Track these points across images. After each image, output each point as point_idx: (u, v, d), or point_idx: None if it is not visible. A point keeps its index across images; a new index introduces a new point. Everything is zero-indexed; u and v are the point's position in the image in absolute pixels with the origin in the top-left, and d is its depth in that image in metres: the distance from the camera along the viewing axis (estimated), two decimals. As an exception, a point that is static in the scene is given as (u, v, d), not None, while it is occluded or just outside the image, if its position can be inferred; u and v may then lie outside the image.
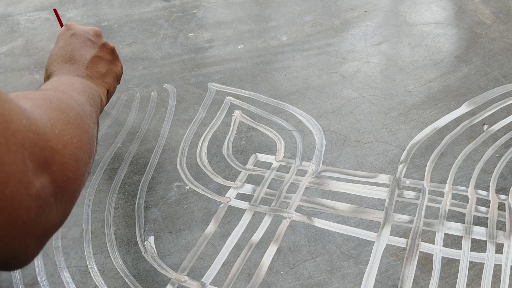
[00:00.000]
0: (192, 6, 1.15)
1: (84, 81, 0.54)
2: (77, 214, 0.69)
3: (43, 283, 0.61)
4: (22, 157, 0.26)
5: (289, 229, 0.65)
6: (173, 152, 0.78)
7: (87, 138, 0.37)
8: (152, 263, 0.63)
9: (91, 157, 0.37)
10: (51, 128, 0.31)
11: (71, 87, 0.48)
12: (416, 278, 0.59)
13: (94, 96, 0.52)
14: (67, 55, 0.58)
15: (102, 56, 0.62)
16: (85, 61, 0.58)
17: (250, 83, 0.90)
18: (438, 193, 0.69)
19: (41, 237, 0.29)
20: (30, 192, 0.26)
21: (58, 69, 0.56)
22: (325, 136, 0.79)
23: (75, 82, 0.52)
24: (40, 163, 0.28)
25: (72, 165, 0.32)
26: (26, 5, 1.18)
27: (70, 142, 0.32)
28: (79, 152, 0.33)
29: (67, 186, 0.31)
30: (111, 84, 0.63)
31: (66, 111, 0.36)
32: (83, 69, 0.58)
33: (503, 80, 0.87)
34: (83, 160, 0.34)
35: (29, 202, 0.26)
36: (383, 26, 1.03)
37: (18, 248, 0.27)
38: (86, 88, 0.51)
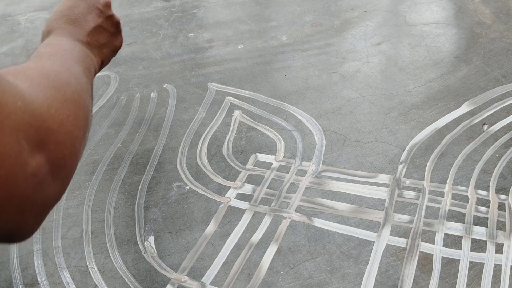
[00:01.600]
0: (192, 6, 1.15)
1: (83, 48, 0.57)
2: (77, 214, 0.69)
3: (43, 283, 0.61)
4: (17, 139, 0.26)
5: (289, 229, 0.65)
6: (173, 152, 0.78)
7: (82, 114, 0.37)
8: (152, 263, 0.62)
9: (86, 132, 0.38)
10: (47, 108, 0.31)
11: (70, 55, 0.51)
12: (416, 278, 0.59)
13: (89, 66, 0.54)
14: (72, 16, 0.61)
15: (106, 27, 0.65)
16: (89, 27, 0.62)
17: (250, 83, 0.90)
18: (438, 193, 0.69)
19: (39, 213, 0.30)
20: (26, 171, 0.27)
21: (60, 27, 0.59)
22: (325, 136, 0.79)
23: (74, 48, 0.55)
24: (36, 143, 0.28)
25: (67, 143, 0.32)
26: (26, 5, 1.18)
27: (66, 120, 0.33)
28: (74, 129, 0.34)
29: (63, 164, 0.31)
30: (107, 56, 0.66)
31: (64, 88, 0.36)
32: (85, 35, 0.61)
33: (503, 80, 0.87)
34: (79, 137, 0.34)
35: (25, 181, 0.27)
36: (383, 26, 1.03)
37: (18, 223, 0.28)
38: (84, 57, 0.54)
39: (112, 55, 0.68)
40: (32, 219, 0.29)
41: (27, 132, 0.27)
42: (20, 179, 0.26)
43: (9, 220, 0.27)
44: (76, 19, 0.57)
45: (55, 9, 0.62)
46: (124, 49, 1.02)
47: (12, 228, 0.28)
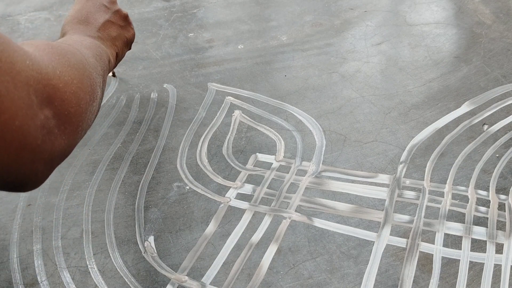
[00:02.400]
0: (192, 6, 1.15)
1: (94, 40, 0.59)
2: (77, 214, 0.69)
3: (43, 283, 0.61)
4: (28, 93, 0.29)
5: (289, 229, 0.65)
6: (173, 152, 0.78)
7: (88, 82, 0.39)
8: (152, 263, 0.63)
9: (93, 100, 0.40)
10: (52, 69, 0.34)
11: (79, 43, 0.52)
12: (416, 278, 0.59)
13: (101, 54, 0.55)
14: (82, 17, 0.63)
15: (114, 21, 0.66)
16: (98, 24, 0.63)
17: (250, 83, 0.90)
18: (438, 193, 0.69)
19: (48, 162, 0.33)
20: (35, 122, 0.30)
21: (72, 29, 0.61)
22: (325, 136, 0.79)
23: (84, 40, 0.56)
24: (44, 98, 0.31)
25: (73, 102, 0.35)
26: (26, 5, 1.18)
27: (70, 82, 0.35)
28: (79, 91, 0.36)
29: (69, 120, 0.34)
30: (120, 48, 0.68)
31: (67, 56, 0.38)
32: (95, 30, 0.62)
33: (503, 80, 0.87)
34: (84, 99, 0.37)
35: (35, 131, 0.30)
36: (383, 26, 1.03)
37: (30, 170, 0.31)
38: (94, 46, 0.55)
39: (125, 48, 0.70)
40: (42, 167, 0.32)
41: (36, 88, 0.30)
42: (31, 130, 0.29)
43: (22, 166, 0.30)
44: (86, 18, 0.62)
45: (67, 15, 0.64)
46: (124, 49, 1.02)
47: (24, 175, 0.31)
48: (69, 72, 0.36)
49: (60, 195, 0.72)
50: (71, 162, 0.76)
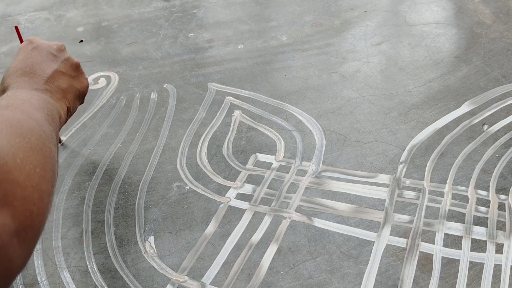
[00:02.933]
0: (192, 6, 1.15)
1: (42, 95, 0.51)
2: (77, 214, 0.69)
3: (43, 283, 0.61)
4: None
5: (289, 229, 0.65)
6: (173, 152, 0.78)
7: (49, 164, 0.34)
8: (152, 263, 0.63)
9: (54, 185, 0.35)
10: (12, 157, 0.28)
11: (28, 104, 0.45)
12: (416, 278, 0.59)
13: (53, 113, 0.49)
14: (26, 68, 0.55)
15: (64, 71, 0.59)
16: (45, 75, 0.56)
17: (250, 83, 0.90)
18: (438, 193, 0.69)
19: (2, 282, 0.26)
20: None
21: (16, 82, 0.53)
22: (325, 136, 0.79)
23: (32, 97, 0.49)
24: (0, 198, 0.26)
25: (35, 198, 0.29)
26: (26, 5, 1.18)
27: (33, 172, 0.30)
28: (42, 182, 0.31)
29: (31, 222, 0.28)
30: (71, 101, 0.60)
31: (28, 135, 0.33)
32: (42, 83, 0.54)
33: (503, 80, 0.87)
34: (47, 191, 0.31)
35: None
36: (383, 26, 1.03)
37: None
38: (44, 104, 0.48)
39: (77, 101, 0.62)
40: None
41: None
42: None
43: None
44: (31, 69, 0.55)
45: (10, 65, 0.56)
46: (124, 49, 1.02)
47: None
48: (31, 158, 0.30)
49: (60, 195, 0.72)
50: (71, 162, 0.77)
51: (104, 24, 1.10)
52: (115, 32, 1.07)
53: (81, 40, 1.05)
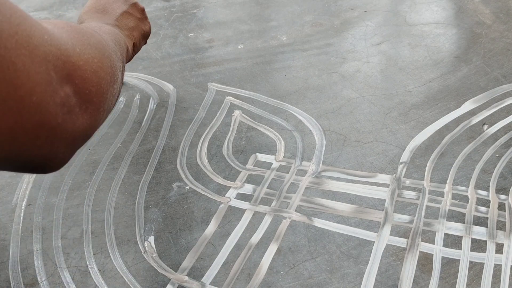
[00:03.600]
0: (192, 6, 1.15)
1: (112, 28, 0.58)
2: (77, 214, 0.69)
3: (43, 283, 0.61)
4: (46, 68, 0.28)
5: (289, 229, 0.65)
6: (173, 152, 0.78)
7: (108, 62, 0.38)
8: (152, 263, 0.63)
9: (114, 82, 0.39)
10: (72, 46, 0.32)
11: (98, 29, 0.51)
12: (416, 278, 0.59)
13: (119, 41, 0.55)
14: (100, 7, 0.63)
15: (132, 12, 0.68)
16: (116, 13, 0.64)
17: (250, 83, 0.90)
18: (438, 193, 0.69)
19: (69, 143, 0.31)
20: (55, 100, 0.28)
21: (90, 17, 0.61)
22: (325, 136, 0.79)
23: (103, 26, 0.56)
24: (63, 75, 0.30)
25: (93, 81, 0.34)
26: (26, 5, 1.18)
27: (91, 60, 0.34)
28: (99, 70, 0.35)
29: (90, 99, 0.33)
30: (137, 39, 0.68)
31: (87, 35, 0.38)
32: (113, 20, 0.62)
33: (503, 80, 0.87)
34: (105, 79, 0.36)
35: (55, 109, 0.28)
36: (383, 26, 1.03)
37: (50, 151, 0.30)
38: (113, 33, 0.55)
39: (142, 40, 0.71)
40: (63, 148, 0.31)
41: (55, 64, 0.29)
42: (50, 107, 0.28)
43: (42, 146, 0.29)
44: (104, 8, 0.63)
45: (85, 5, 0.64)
46: (124, 49, 1.01)
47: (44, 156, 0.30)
48: (89, 50, 0.35)
49: (60, 195, 0.72)
50: (71, 162, 0.76)
51: (104, 24, 1.10)
52: (115, 32, 1.07)
53: (81, 40, 1.05)
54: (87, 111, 0.33)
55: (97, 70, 0.35)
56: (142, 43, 0.72)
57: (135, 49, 0.68)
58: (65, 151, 0.32)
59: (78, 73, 0.32)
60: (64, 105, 0.30)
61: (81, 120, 0.32)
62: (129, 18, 0.67)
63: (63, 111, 0.29)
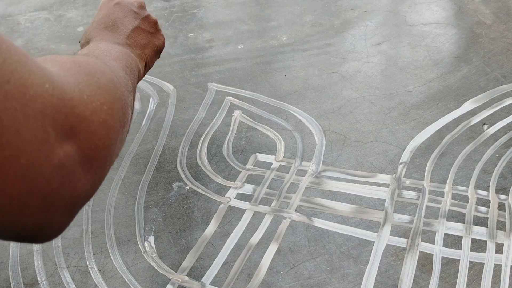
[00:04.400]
0: (192, 6, 1.15)
1: (123, 49, 0.55)
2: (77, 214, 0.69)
3: (43, 283, 0.61)
4: (42, 124, 0.24)
5: (289, 229, 0.65)
6: (173, 152, 0.78)
7: (119, 105, 0.35)
8: (152, 263, 0.63)
9: (124, 125, 0.36)
10: (79, 93, 0.29)
11: (107, 53, 0.48)
12: (416, 278, 0.59)
13: (131, 65, 0.52)
14: (109, 23, 0.59)
15: (144, 27, 0.63)
16: (127, 30, 0.59)
17: (250, 83, 0.90)
18: (438, 193, 0.69)
19: (67, 209, 0.28)
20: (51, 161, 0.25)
21: (99, 35, 0.57)
22: (325, 136, 0.79)
23: (112, 49, 0.52)
24: (65, 131, 0.26)
25: (101, 133, 0.30)
26: (26, 5, 1.18)
27: (100, 108, 0.31)
28: (109, 119, 0.32)
29: (96, 155, 0.29)
30: (149, 57, 0.64)
31: (97, 75, 0.34)
32: (124, 37, 0.58)
33: (503, 80, 0.87)
34: (114, 128, 0.32)
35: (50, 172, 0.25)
36: (383, 26, 1.03)
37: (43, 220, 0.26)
38: (123, 56, 0.51)
39: (155, 56, 0.66)
40: (59, 216, 0.27)
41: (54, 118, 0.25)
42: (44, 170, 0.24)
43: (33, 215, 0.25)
44: (114, 24, 0.59)
45: (92, 20, 0.60)
46: (124, 49, 1.01)
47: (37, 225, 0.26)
48: (99, 96, 0.31)
49: (60, 195, 0.72)
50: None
51: (104, 24, 1.10)
52: (115, 32, 1.07)
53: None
54: (91, 170, 0.29)
55: (106, 119, 0.31)
56: (155, 59, 0.67)
57: (147, 68, 0.64)
58: (61, 219, 0.28)
59: (84, 126, 0.28)
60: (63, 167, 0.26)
61: (84, 182, 0.28)
62: (141, 34, 0.62)
63: (61, 173, 0.26)
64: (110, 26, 0.59)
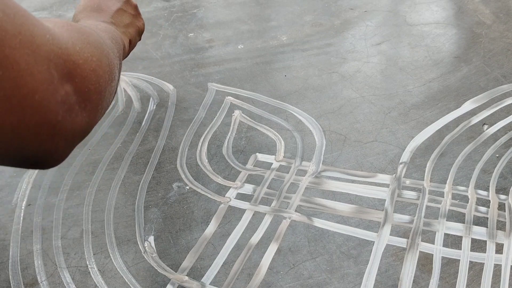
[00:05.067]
0: (192, 6, 1.15)
1: (108, 25, 0.61)
2: (77, 214, 0.69)
3: (43, 283, 0.61)
4: (48, 67, 0.29)
5: (289, 229, 0.65)
6: (173, 152, 0.78)
7: (106, 61, 0.40)
8: (152, 263, 0.63)
9: (112, 80, 0.40)
10: (72, 45, 0.34)
11: (95, 26, 0.53)
12: (416, 278, 0.59)
13: (116, 38, 0.57)
14: (94, 6, 0.65)
15: (126, 9, 0.69)
16: (111, 11, 0.66)
17: (250, 83, 0.90)
18: (438, 193, 0.69)
19: (69, 139, 0.32)
20: (56, 98, 0.30)
21: (85, 16, 0.63)
22: (325, 136, 0.79)
23: (99, 24, 0.58)
24: (64, 74, 0.31)
25: (92, 79, 0.35)
26: (26, 5, 1.18)
27: (90, 59, 0.35)
28: (98, 69, 0.36)
29: (89, 97, 0.34)
30: (133, 36, 0.70)
31: (86, 34, 0.39)
32: (109, 17, 0.64)
33: (503, 80, 0.87)
34: (103, 78, 0.37)
35: (56, 107, 0.30)
36: (383, 26, 1.03)
37: (50, 147, 0.31)
38: (109, 30, 0.57)
39: (137, 37, 0.73)
40: (63, 144, 0.32)
41: (56, 62, 0.30)
42: (51, 105, 0.29)
43: (42, 143, 0.30)
44: (98, 6, 0.65)
45: (78, 4, 0.65)
46: (124, 49, 1.01)
47: (45, 151, 0.31)
48: (88, 49, 0.36)
49: (60, 195, 0.72)
50: (71, 162, 0.76)
51: (104, 24, 1.10)
52: (115, 32, 1.07)
53: (81, 40, 1.05)
54: (86, 109, 0.34)
55: (96, 68, 0.36)
56: (137, 39, 0.74)
57: (131, 45, 0.70)
58: (65, 147, 0.33)
59: (78, 72, 0.33)
60: (65, 103, 0.31)
61: (80, 118, 0.33)
62: (123, 15, 0.68)
63: (64, 109, 0.30)
64: (95, 8, 0.65)
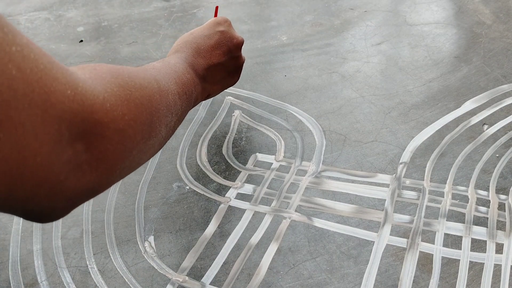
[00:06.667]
0: (192, 6, 1.15)
1: (194, 78, 0.54)
2: (77, 214, 0.69)
3: (43, 283, 0.61)
4: (59, 128, 0.26)
5: (289, 229, 0.65)
6: (173, 152, 0.78)
7: (147, 119, 0.36)
8: (152, 263, 0.63)
9: (148, 139, 0.37)
10: (102, 101, 0.30)
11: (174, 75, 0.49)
12: (416, 278, 0.59)
13: (190, 94, 0.51)
14: (201, 47, 0.59)
15: (227, 66, 0.62)
16: (210, 62, 0.59)
17: (250, 83, 0.90)
18: (438, 193, 0.69)
19: (70, 199, 0.30)
20: (61, 158, 0.27)
21: (185, 52, 0.57)
22: (325, 136, 0.79)
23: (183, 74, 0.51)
24: (78, 133, 0.28)
25: (114, 139, 0.31)
26: (26, 5, 1.18)
27: (120, 118, 0.32)
28: (128, 129, 0.33)
29: (104, 157, 0.31)
30: (216, 91, 0.64)
31: (131, 89, 0.35)
32: (203, 68, 0.58)
33: (503, 80, 0.87)
34: (133, 138, 0.34)
35: (59, 167, 0.27)
36: (383, 26, 1.03)
37: (48, 206, 0.28)
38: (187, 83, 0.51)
39: (220, 91, 0.66)
40: (62, 204, 0.30)
41: (71, 121, 0.27)
42: (54, 166, 0.27)
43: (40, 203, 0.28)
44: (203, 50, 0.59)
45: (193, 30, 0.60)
46: (124, 49, 1.02)
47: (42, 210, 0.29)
48: (124, 106, 0.32)
49: (60, 195, 0.72)
50: (71, 162, 0.76)
51: (104, 24, 1.10)
52: (115, 32, 1.07)
53: (81, 40, 1.05)
54: (97, 169, 0.31)
55: (125, 128, 0.32)
56: (220, 92, 0.67)
57: (208, 97, 0.63)
58: (64, 207, 0.30)
59: (98, 130, 0.30)
60: (70, 162, 0.28)
61: (88, 178, 0.30)
62: (220, 72, 0.61)
63: (68, 168, 0.28)
64: (199, 50, 0.59)
